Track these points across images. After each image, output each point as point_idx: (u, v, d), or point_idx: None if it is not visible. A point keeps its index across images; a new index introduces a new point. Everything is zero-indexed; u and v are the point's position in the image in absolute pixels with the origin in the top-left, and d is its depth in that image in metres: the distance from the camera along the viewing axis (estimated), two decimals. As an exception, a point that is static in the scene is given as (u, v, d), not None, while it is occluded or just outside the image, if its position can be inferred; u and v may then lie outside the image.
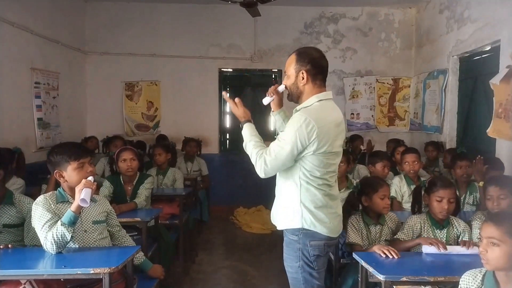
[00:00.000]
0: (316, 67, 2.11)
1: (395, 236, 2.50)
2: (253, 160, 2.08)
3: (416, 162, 3.55)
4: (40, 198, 2.20)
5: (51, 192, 2.28)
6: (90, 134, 6.20)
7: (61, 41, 5.43)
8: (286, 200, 2.15)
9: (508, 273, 1.62)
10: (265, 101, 2.29)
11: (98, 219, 2.33)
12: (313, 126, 1.97)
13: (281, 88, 2.24)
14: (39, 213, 2.13)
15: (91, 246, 2.25)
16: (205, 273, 4.13)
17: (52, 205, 2.18)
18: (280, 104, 2.35)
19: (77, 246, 2.22)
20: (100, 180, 3.62)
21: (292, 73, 2.13)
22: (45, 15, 5.10)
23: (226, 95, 2.30)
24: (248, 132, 2.14)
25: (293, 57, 2.14)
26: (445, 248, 2.21)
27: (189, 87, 6.46)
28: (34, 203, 2.19)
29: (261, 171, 2.05)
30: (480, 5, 4.46)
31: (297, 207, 2.08)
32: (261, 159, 2.03)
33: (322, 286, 2.19)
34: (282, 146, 2.01)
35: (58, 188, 2.27)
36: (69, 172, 2.19)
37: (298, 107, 2.14)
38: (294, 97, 2.17)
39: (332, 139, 2.04)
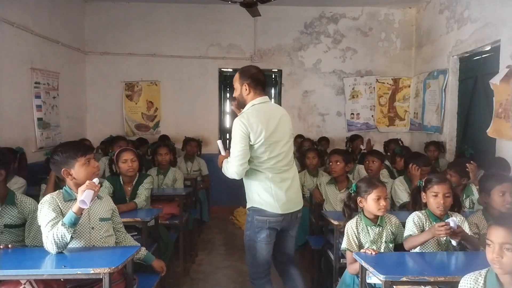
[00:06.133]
0: (255, 80, 2.66)
1: (405, 235, 2.50)
2: (226, 172, 2.67)
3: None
4: (47, 197, 2.20)
5: (57, 191, 2.28)
6: (90, 134, 6.22)
7: (61, 41, 5.43)
8: (246, 185, 2.73)
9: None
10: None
11: (104, 217, 2.34)
12: (245, 124, 2.54)
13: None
14: (44, 211, 2.13)
15: (98, 243, 2.26)
16: (205, 273, 4.13)
17: (59, 204, 2.18)
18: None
19: (83, 243, 2.22)
20: (101, 180, 3.62)
21: (238, 86, 2.71)
22: (45, 15, 5.10)
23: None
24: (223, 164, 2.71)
25: (237, 75, 2.72)
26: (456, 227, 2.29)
27: (189, 87, 6.46)
28: (40, 202, 2.20)
29: (232, 173, 2.62)
30: (480, 5, 4.46)
31: (250, 189, 2.69)
32: (227, 164, 2.65)
33: (267, 258, 2.71)
34: (234, 147, 2.56)
35: (64, 187, 2.27)
36: (76, 169, 2.21)
37: (240, 114, 2.69)
38: (241, 105, 2.73)
39: (267, 131, 2.57)
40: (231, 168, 2.59)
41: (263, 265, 2.71)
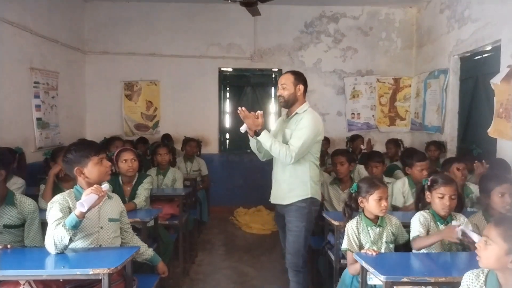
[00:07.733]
0: (306, 85, 2.99)
1: (413, 235, 2.49)
2: (282, 153, 2.76)
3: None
4: (58, 197, 2.19)
5: (69, 190, 2.27)
6: (90, 134, 6.21)
7: (60, 40, 5.42)
8: (298, 175, 2.86)
9: (505, 275, 1.64)
10: (242, 128, 2.85)
11: (113, 217, 2.34)
12: (320, 123, 2.92)
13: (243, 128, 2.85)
14: (53, 211, 2.13)
15: (105, 243, 2.26)
16: (204, 273, 4.12)
17: (70, 203, 2.17)
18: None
19: (90, 242, 2.21)
20: (110, 187, 3.61)
21: (291, 86, 2.92)
22: (45, 14, 5.08)
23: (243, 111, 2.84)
24: (268, 136, 2.82)
25: (291, 76, 2.96)
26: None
27: (189, 87, 6.44)
28: (50, 201, 2.19)
29: (290, 156, 2.75)
30: (481, 5, 4.45)
31: (308, 179, 2.86)
32: (289, 150, 2.76)
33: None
34: (306, 138, 2.78)
35: (75, 186, 2.26)
36: (89, 168, 2.21)
37: (299, 111, 2.92)
38: (290, 103, 2.94)
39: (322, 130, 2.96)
40: (291, 153, 2.75)
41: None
